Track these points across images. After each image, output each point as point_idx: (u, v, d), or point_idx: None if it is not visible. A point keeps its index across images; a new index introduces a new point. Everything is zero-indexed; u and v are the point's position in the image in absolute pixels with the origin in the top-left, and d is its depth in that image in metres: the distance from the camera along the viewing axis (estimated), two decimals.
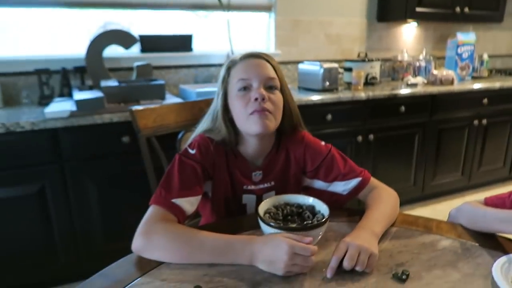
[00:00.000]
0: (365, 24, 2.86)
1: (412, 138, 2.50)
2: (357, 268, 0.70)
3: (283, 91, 0.92)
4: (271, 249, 0.69)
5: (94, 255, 1.82)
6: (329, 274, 0.70)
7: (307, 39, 2.68)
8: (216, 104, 0.92)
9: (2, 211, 1.61)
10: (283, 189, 0.97)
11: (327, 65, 2.22)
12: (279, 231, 0.73)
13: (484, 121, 2.72)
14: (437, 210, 2.61)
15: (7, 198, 1.60)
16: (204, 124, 0.95)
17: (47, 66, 1.99)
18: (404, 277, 0.69)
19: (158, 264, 0.75)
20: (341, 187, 0.97)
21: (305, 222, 0.79)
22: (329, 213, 0.78)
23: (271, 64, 0.91)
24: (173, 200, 0.82)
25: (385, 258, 0.75)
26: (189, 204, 0.84)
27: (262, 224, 0.77)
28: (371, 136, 2.30)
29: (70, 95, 2.01)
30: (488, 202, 0.92)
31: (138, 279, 0.71)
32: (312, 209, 0.83)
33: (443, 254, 0.77)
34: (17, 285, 1.75)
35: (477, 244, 0.81)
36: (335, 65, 2.27)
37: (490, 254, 0.77)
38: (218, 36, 2.44)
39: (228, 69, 0.91)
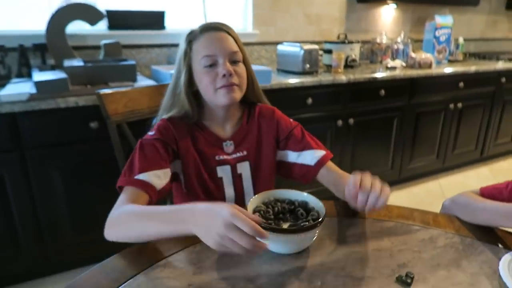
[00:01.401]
0: (344, 4, 2.78)
1: (391, 122, 2.47)
2: (380, 200, 0.71)
3: (245, 62, 0.92)
4: (211, 214, 0.58)
5: (62, 249, 1.69)
6: (366, 210, 0.72)
7: (285, 19, 2.57)
8: (179, 80, 0.89)
9: None
10: (257, 160, 0.97)
11: (307, 46, 2.13)
12: (271, 233, 0.66)
13: (459, 105, 2.74)
14: (413, 193, 2.64)
15: None
16: (165, 103, 0.93)
17: (1, 42, 1.79)
18: (409, 280, 0.63)
19: (134, 273, 0.65)
20: (310, 156, 0.97)
21: (299, 221, 0.72)
22: (325, 211, 0.71)
23: (232, 36, 0.89)
24: (137, 177, 0.79)
25: (386, 259, 0.70)
26: (156, 177, 0.80)
27: None
28: (351, 120, 2.25)
29: (29, 75, 1.82)
30: (485, 193, 0.89)
31: None
32: (305, 205, 0.76)
33: (445, 251, 0.73)
34: None
35: (476, 240, 0.77)
36: (316, 46, 2.19)
37: (491, 250, 0.73)
38: (192, 14, 2.29)
39: (190, 43, 0.88)
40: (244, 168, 0.95)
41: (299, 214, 0.74)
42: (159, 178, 0.81)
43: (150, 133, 0.89)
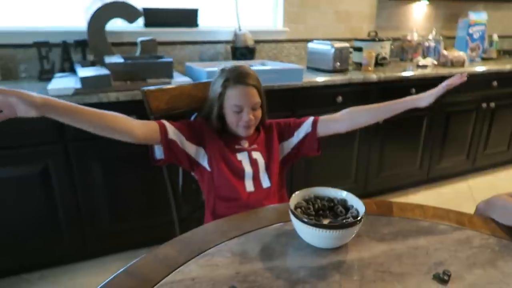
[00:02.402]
0: (375, 1, 2.76)
1: (420, 121, 2.46)
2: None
3: (262, 104, 1.18)
4: None
5: (100, 236, 1.79)
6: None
7: (315, 16, 2.58)
8: (213, 111, 1.16)
9: (4, 191, 1.56)
10: (266, 152, 1.21)
11: (338, 44, 2.14)
12: (314, 228, 0.70)
13: (492, 104, 2.69)
14: (442, 194, 2.61)
15: (10, 177, 1.55)
16: (204, 113, 1.21)
17: (46, 38, 1.89)
18: (446, 278, 0.66)
19: (185, 260, 0.71)
20: (304, 128, 1.22)
21: (339, 218, 0.75)
22: (365, 209, 0.74)
23: (256, 88, 1.14)
24: (163, 120, 1.11)
25: (422, 256, 0.73)
26: (173, 131, 1.10)
27: (294, 220, 0.73)
28: None
29: (71, 70, 1.92)
30: None
31: (167, 277, 0.67)
32: (344, 203, 0.80)
33: (481, 252, 0.75)
34: (21, 266, 1.73)
35: None
36: (346, 44, 2.20)
37: None
38: (224, 12, 2.33)
39: (225, 88, 1.13)
40: (258, 156, 1.19)
41: (339, 211, 0.77)
42: (175, 134, 1.11)
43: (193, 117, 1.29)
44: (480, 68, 2.53)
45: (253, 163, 1.17)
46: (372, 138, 2.29)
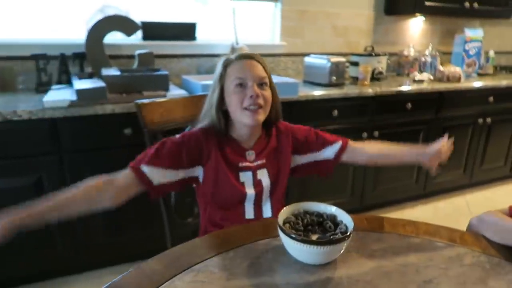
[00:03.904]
0: (372, 17, 2.79)
1: (416, 135, 2.46)
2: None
3: (271, 87, 1.04)
4: None
5: (92, 249, 1.77)
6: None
7: (313, 31, 2.61)
8: (212, 97, 1.02)
9: None
10: (274, 167, 1.08)
11: (334, 59, 2.16)
12: (301, 244, 0.69)
13: (489, 120, 2.69)
14: (439, 208, 2.60)
15: (3, 189, 1.54)
16: (201, 115, 1.07)
17: (44, 51, 1.90)
18: None
19: (171, 276, 0.70)
20: (330, 151, 1.12)
21: (328, 234, 0.75)
22: (353, 224, 0.73)
23: (261, 65, 1.01)
24: (142, 167, 0.94)
25: (412, 274, 0.72)
26: (158, 174, 0.94)
27: (282, 235, 0.72)
28: (376, 133, 2.26)
29: (68, 82, 1.93)
30: None
31: None
32: (333, 218, 0.79)
33: (472, 270, 0.74)
34: (13, 278, 1.71)
35: (504, 260, 0.77)
36: (343, 59, 2.21)
37: None
38: (222, 26, 2.36)
39: (225, 67, 1.00)
40: (263, 175, 1.07)
41: (328, 226, 0.77)
42: (161, 176, 0.95)
43: (178, 136, 1.02)
44: (476, 84, 2.54)
45: (257, 184, 1.05)
46: None
